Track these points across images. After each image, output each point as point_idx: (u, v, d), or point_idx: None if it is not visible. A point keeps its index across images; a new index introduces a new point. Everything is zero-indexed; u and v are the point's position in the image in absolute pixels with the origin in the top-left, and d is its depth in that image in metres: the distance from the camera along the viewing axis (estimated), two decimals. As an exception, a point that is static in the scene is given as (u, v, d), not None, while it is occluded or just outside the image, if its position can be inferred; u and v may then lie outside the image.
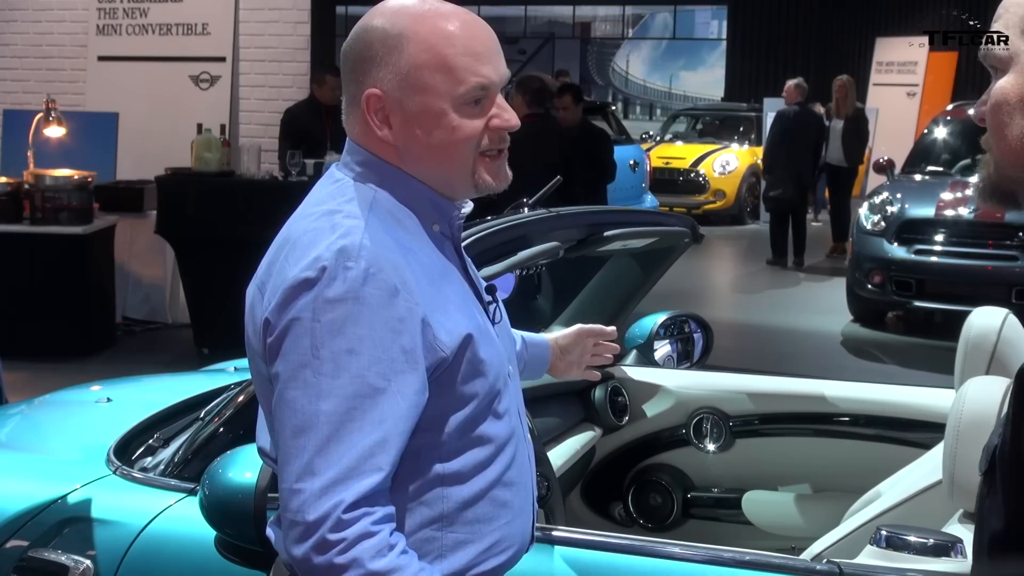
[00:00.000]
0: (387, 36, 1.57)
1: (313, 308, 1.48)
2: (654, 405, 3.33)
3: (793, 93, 11.10)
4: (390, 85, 1.57)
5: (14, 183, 7.05)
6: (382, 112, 1.59)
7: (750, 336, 8.30)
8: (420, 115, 1.58)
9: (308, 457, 1.46)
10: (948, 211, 8.27)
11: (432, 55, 1.56)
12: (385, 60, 1.57)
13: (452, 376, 1.56)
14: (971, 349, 2.60)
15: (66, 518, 2.31)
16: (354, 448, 1.45)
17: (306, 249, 1.52)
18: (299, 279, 1.49)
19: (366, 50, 1.59)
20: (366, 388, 1.47)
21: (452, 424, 1.57)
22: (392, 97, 1.58)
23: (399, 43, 1.57)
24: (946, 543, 1.97)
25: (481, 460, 1.60)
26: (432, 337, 1.52)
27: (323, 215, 1.56)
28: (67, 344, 6.93)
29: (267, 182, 7.18)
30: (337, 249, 1.49)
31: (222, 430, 2.37)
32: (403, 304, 1.50)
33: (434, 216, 1.64)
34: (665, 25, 30.30)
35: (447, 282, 1.60)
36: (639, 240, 3.07)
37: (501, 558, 1.64)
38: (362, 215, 1.55)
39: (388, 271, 1.50)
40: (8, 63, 9.60)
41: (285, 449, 1.49)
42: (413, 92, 1.57)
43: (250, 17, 8.72)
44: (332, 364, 1.47)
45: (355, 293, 1.48)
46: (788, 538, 3.06)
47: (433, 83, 1.57)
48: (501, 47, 1.65)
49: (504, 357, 1.67)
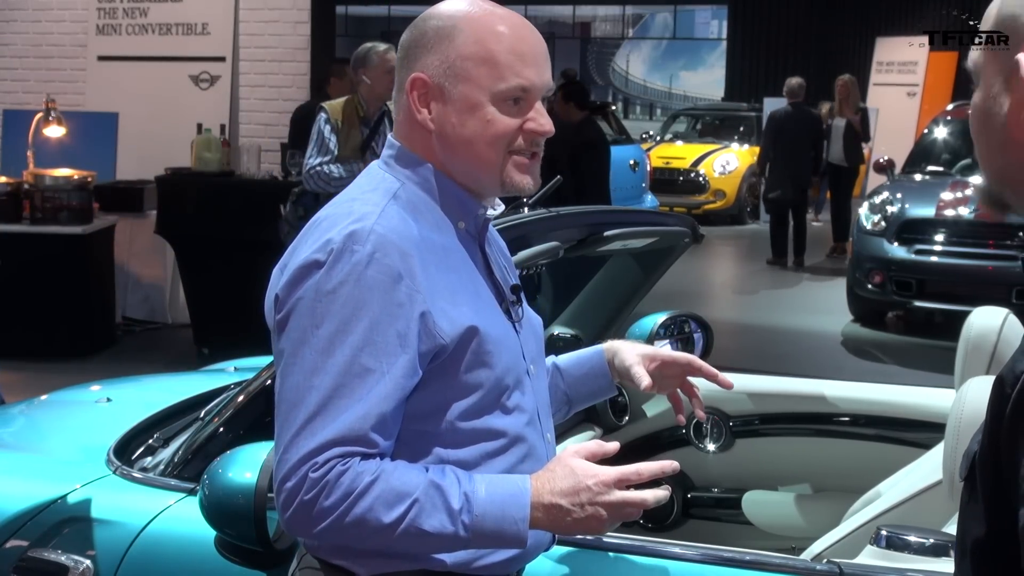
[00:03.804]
0: (441, 26, 1.65)
1: (316, 288, 1.55)
2: (654, 405, 3.32)
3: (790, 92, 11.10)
4: (436, 71, 1.64)
5: (14, 183, 7.05)
6: (424, 96, 1.65)
7: (750, 336, 8.30)
8: (458, 103, 1.64)
9: (295, 429, 1.53)
10: (948, 211, 8.26)
11: (480, 48, 1.63)
12: (436, 47, 1.64)
13: (455, 364, 1.60)
14: (971, 349, 2.60)
15: (66, 518, 2.31)
16: (336, 422, 1.51)
17: (322, 232, 1.58)
18: (309, 260, 1.56)
19: (420, 37, 1.67)
20: (357, 367, 1.52)
21: (454, 411, 1.61)
22: (436, 83, 1.64)
23: (451, 33, 1.64)
24: (946, 543, 1.97)
25: (489, 452, 1.63)
26: (432, 324, 1.56)
27: (345, 202, 1.64)
28: (67, 344, 6.93)
29: (267, 182, 7.18)
30: (347, 233, 1.56)
31: (222, 430, 2.37)
32: (404, 291, 1.55)
33: (459, 212, 1.69)
34: (665, 25, 30.30)
35: (461, 275, 1.64)
36: (639, 240, 3.07)
37: (511, 552, 1.65)
38: (380, 203, 1.61)
39: (394, 256, 1.55)
40: (8, 63, 9.60)
41: (279, 421, 1.56)
42: (456, 80, 1.63)
43: (250, 17, 8.72)
44: (327, 342, 1.53)
45: (357, 275, 1.54)
46: (788, 538, 3.06)
47: (477, 74, 1.63)
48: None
49: (520, 355, 1.70)
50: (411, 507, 1.52)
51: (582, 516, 1.56)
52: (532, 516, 1.56)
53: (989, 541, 1.09)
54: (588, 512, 1.56)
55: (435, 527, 1.53)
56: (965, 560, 1.14)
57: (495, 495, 1.56)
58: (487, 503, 1.55)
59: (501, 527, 1.55)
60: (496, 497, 1.56)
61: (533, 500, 1.56)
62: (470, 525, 1.53)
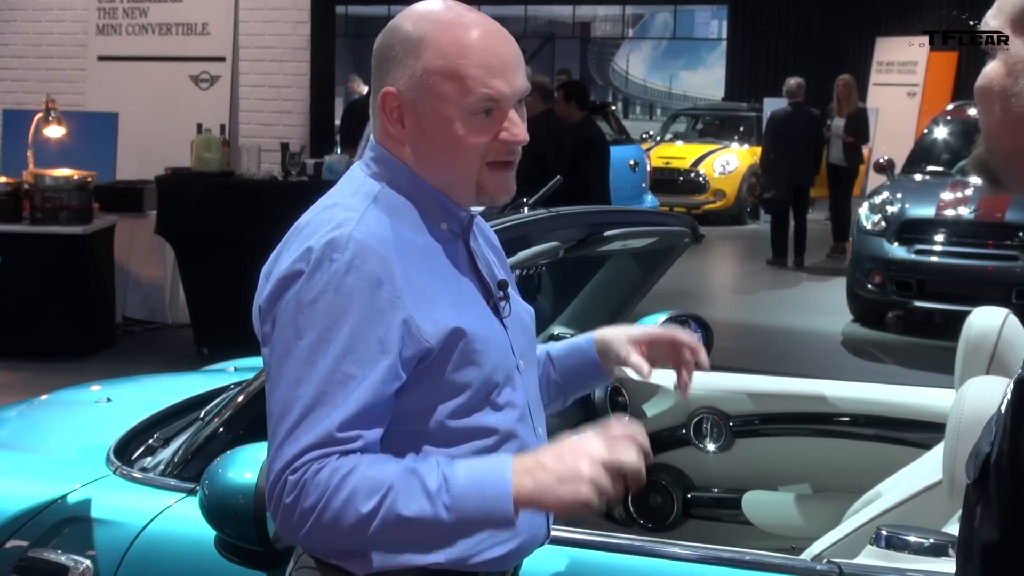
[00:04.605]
0: (408, 38, 1.63)
1: (297, 299, 1.55)
2: (654, 405, 3.32)
3: (789, 92, 11.10)
4: (405, 86, 1.63)
5: (14, 183, 7.05)
6: (396, 111, 1.64)
7: (750, 336, 8.30)
8: (430, 119, 1.63)
9: (280, 440, 1.53)
10: (948, 211, 8.27)
11: (446, 62, 1.61)
12: (403, 61, 1.63)
13: (442, 365, 1.59)
14: (971, 349, 2.60)
15: (66, 518, 2.30)
16: (316, 427, 1.52)
17: (303, 240, 1.58)
18: (292, 270, 1.56)
19: (388, 50, 1.65)
20: (339, 375, 1.52)
21: (444, 411, 1.61)
22: (406, 98, 1.63)
23: (418, 47, 1.62)
24: (946, 543, 1.97)
25: (480, 449, 1.63)
26: (415, 328, 1.56)
27: (326, 208, 1.63)
28: (67, 344, 6.93)
29: (267, 182, 7.19)
30: (326, 241, 1.55)
31: (222, 430, 2.37)
32: (385, 296, 1.54)
33: (441, 215, 1.68)
34: (665, 25, 30.31)
35: (444, 276, 1.64)
36: (639, 240, 3.07)
37: (506, 547, 1.65)
38: (360, 208, 1.60)
39: (373, 262, 1.54)
40: (8, 63, 9.60)
41: (270, 432, 1.57)
42: (425, 96, 1.62)
43: (250, 17, 8.72)
44: (310, 352, 1.53)
45: (336, 284, 1.53)
46: (788, 538, 3.06)
47: (444, 90, 1.61)
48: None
49: (509, 351, 1.69)
50: (387, 493, 1.48)
51: (565, 471, 1.49)
52: (516, 484, 1.49)
53: (1003, 546, 1.07)
54: (569, 464, 1.49)
55: (415, 511, 1.48)
56: (972, 563, 1.12)
57: (474, 472, 1.51)
58: (466, 481, 1.49)
59: (484, 504, 1.49)
60: (476, 474, 1.51)
61: (515, 467, 1.50)
62: (451, 506, 1.48)
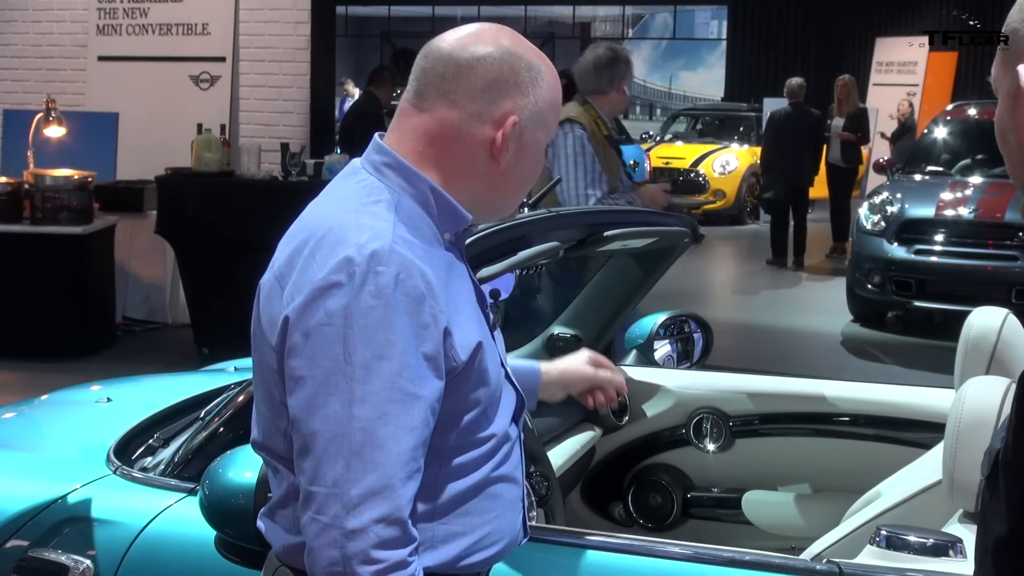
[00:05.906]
0: (532, 67, 1.63)
1: (345, 313, 1.47)
2: (654, 405, 3.32)
3: (790, 92, 11.10)
4: (525, 113, 1.62)
5: (14, 183, 7.05)
6: (507, 138, 1.62)
7: (750, 336, 8.31)
8: (530, 149, 1.65)
9: (344, 462, 1.46)
10: (948, 211, 8.27)
11: (553, 95, 1.66)
12: (529, 90, 1.62)
13: (460, 384, 1.56)
14: (971, 349, 2.60)
15: (66, 518, 2.31)
16: (390, 454, 1.46)
17: (333, 248, 1.51)
18: (330, 281, 1.48)
19: (514, 74, 1.62)
20: (398, 394, 1.47)
21: (455, 428, 1.58)
22: (523, 126, 1.62)
23: (538, 78, 1.64)
24: (946, 543, 1.97)
25: (477, 457, 1.62)
26: (449, 346, 1.53)
27: (349, 213, 1.55)
28: (67, 344, 6.93)
29: (267, 182, 7.18)
30: (369, 253, 1.48)
31: (222, 430, 2.37)
32: (428, 311, 1.50)
33: (448, 224, 1.64)
34: (665, 25, 30.30)
35: (458, 290, 1.61)
36: (639, 240, 3.07)
37: (491, 551, 1.66)
38: (388, 217, 1.54)
39: (416, 277, 1.50)
40: (8, 63, 9.59)
41: (317, 454, 1.48)
42: (537, 125, 1.64)
43: (250, 17, 8.72)
44: (364, 370, 1.46)
45: (387, 299, 1.47)
46: (788, 538, 3.06)
47: (550, 121, 1.66)
48: None
49: (499, 361, 1.69)
50: None
51: None
52: None
53: (1011, 540, 1.08)
54: None
55: None
56: (987, 558, 1.13)
57: None
58: None
59: None
60: None
61: None
62: None
